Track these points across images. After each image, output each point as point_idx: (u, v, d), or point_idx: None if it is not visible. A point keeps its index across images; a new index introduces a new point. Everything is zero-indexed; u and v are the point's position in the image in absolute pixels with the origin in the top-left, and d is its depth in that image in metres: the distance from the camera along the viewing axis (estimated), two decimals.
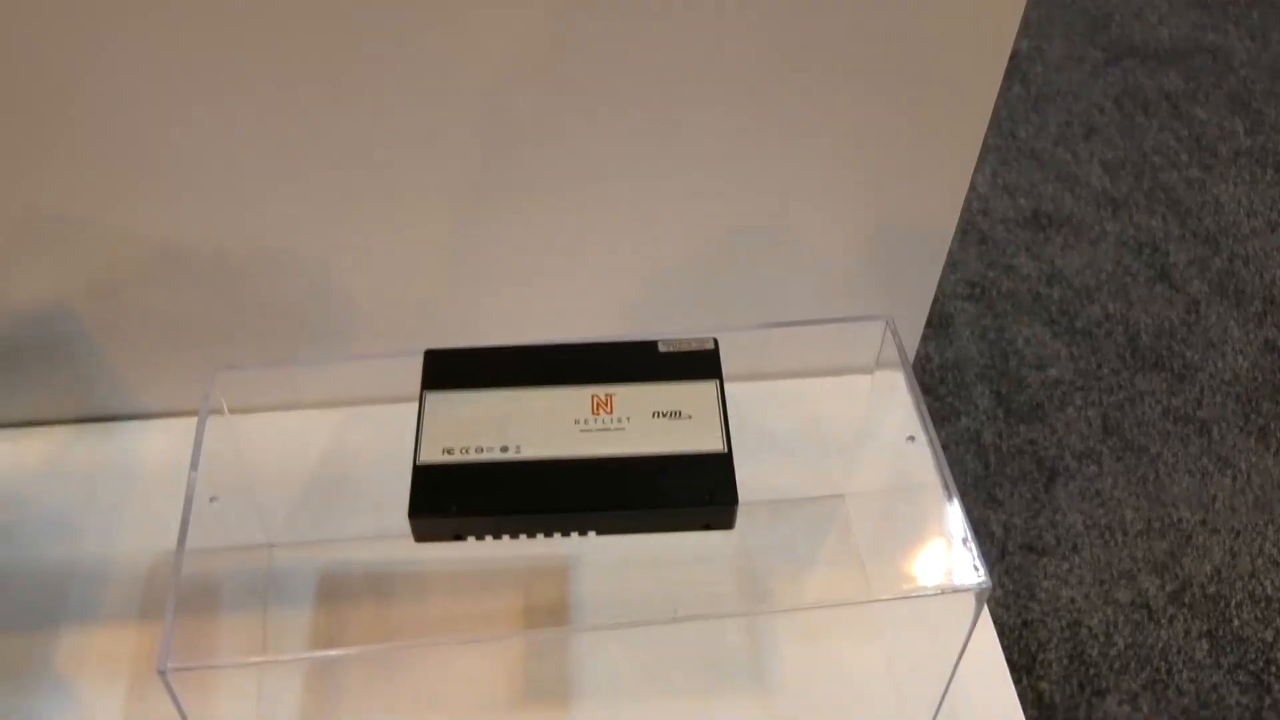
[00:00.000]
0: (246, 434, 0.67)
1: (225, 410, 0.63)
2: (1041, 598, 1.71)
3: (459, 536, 0.50)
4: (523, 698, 0.63)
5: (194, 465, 0.56)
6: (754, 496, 0.70)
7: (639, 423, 0.52)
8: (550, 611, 0.66)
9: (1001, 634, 1.10)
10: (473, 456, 0.51)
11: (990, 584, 0.50)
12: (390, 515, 0.70)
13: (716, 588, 0.67)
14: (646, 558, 0.68)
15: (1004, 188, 2.19)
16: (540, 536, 0.50)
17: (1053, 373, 1.94)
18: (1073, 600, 1.70)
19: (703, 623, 0.66)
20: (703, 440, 0.52)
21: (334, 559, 0.68)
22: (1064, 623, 1.67)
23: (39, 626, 0.66)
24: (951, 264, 2.08)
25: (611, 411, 0.52)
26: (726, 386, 0.54)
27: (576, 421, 0.52)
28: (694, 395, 0.53)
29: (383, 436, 0.63)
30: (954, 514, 0.52)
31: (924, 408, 0.57)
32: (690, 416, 0.52)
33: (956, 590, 0.50)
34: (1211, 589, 1.71)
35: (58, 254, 0.66)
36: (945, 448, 1.83)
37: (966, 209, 2.17)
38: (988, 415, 1.89)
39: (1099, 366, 1.94)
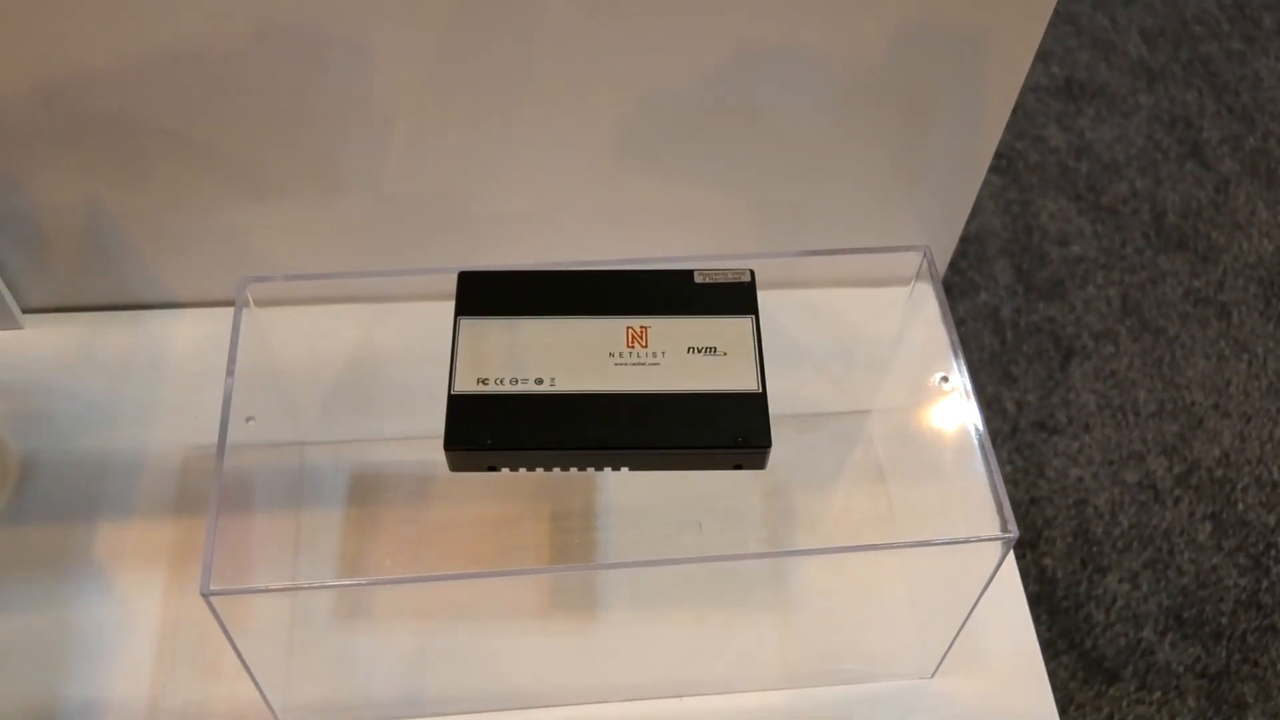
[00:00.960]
0: (277, 330, 0.68)
1: (251, 303, 0.63)
2: (1050, 475, 1.73)
3: (493, 468, 0.51)
4: (550, 605, 0.65)
5: (229, 373, 0.56)
6: (781, 410, 0.71)
7: (674, 358, 0.52)
8: (579, 516, 0.68)
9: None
10: (508, 388, 0.52)
11: (1017, 534, 0.51)
12: (420, 416, 0.71)
13: (741, 500, 0.68)
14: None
15: (1038, 54, 2.13)
16: (574, 470, 0.51)
17: (1075, 249, 1.93)
18: (1080, 479, 1.73)
19: (726, 535, 0.67)
20: (737, 379, 0.52)
21: (365, 457, 0.70)
22: (1070, 501, 1.70)
23: (76, 516, 0.67)
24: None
25: (646, 345, 0.53)
26: (759, 293, 0.54)
27: (611, 354, 0.53)
28: (730, 331, 0.53)
29: (413, 334, 0.64)
30: (984, 464, 0.52)
31: (959, 349, 0.57)
32: (725, 353, 0.53)
33: (983, 540, 0.51)
34: (1219, 473, 1.73)
35: (87, 143, 0.66)
36: (962, 323, 1.84)
37: None
38: (1007, 291, 1.89)
39: (1123, 245, 1.93)
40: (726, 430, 0.51)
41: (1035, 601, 1.69)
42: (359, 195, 0.72)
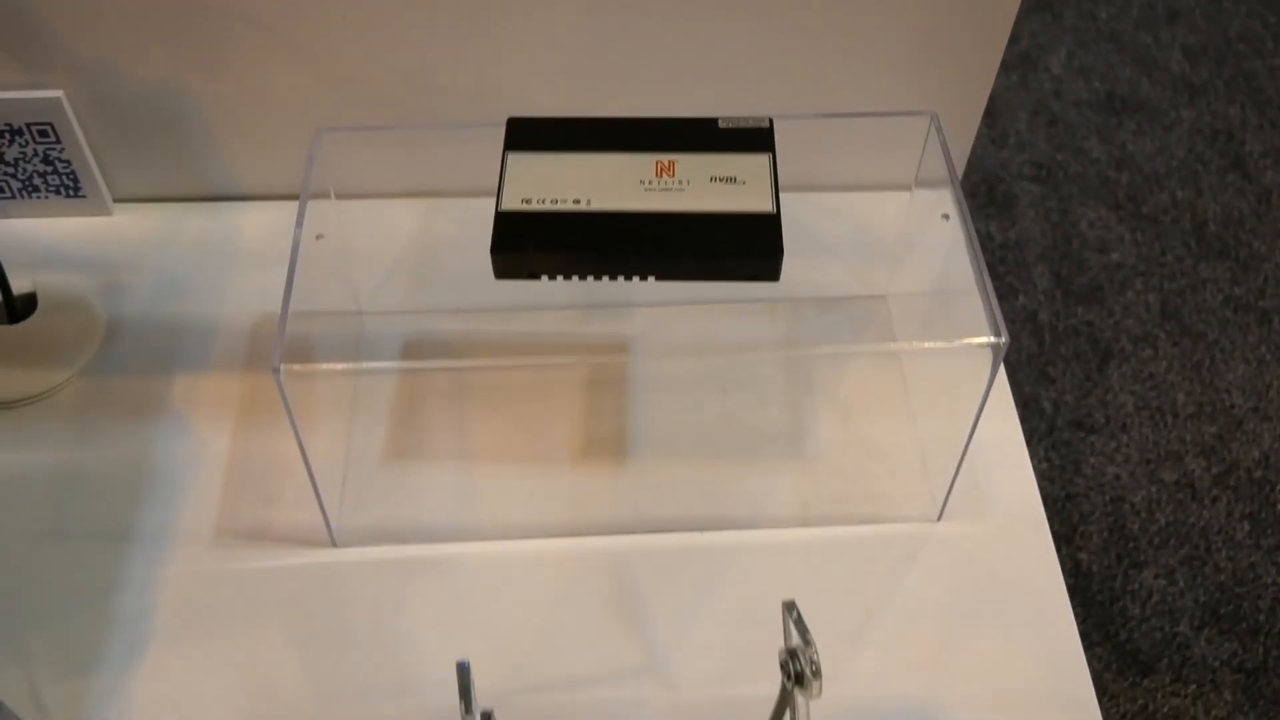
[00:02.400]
0: (341, 217, 0.76)
1: (331, 195, 0.72)
2: (1087, 473, 1.78)
3: (534, 275, 0.59)
4: (582, 452, 0.73)
5: (302, 201, 0.64)
6: (801, 293, 0.79)
7: (698, 185, 0.60)
8: (610, 383, 0.76)
9: (1045, 506, 1.18)
10: (549, 206, 0.60)
11: (1007, 340, 0.58)
12: (469, 291, 0.80)
13: (762, 371, 0.76)
14: (702, 337, 0.78)
15: (1079, 70, 2.22)
16: (606, 279, 0.59)
17: (1115, 256, 1.99)
18: (1117, 477, 1.77)
19: (747, 396, 0.75)
20: (754, 202, 0.60)
21: (417, 327, 0.78)
22: (1107, 498, 1.75)
23: (155, 370, 0.76)
24: (1019, 145, 2.12)
25: (674, 175, 0.61)
26: (780, 196, 0.62)
27: (642, 182, 0.61)
28: (749, 165, 0.61)
29: (465, 224, 0.71)
30: (976, 277, 0.59)
31: (960, 191, 0.64)
32: (744, 182, 0.61)
33: (974, 344, 0.58)
34: (1258, 474, 1.77)
35: (178, 33, 0.75)
36: None
37: (1038, 90, 2.21)
38: (1046, 295, 1.95)
39: (1163, 252, 1.99)
40: (743, 241, 0.58)
41: (1070, 595, 1.74)
42: (429, 89, 0.78)
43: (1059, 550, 1.77)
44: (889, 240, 0.82)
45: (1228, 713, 1.59)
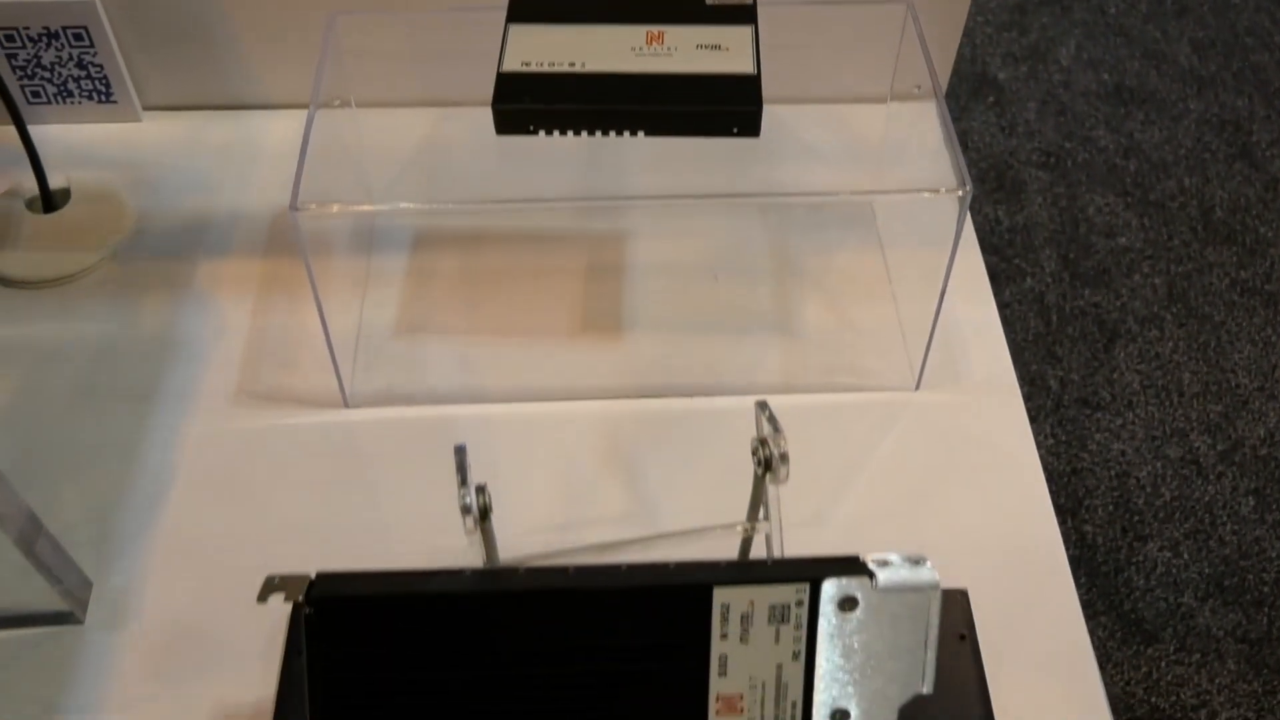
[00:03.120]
0: (357, 123, 0.83)
1: (352, 103, 0.78)
2: (1092, 449, 1.82)
3: (532, 130, 0.65)
4: (581, 327, 0.78)
5: (317, 76, 0.70)
6: (791, 197, 0.85)
7: (685, 52, 0.66)
8: (608, 270, 0.81)
9: (1050, 480, 1.22)
10: (547, 69, 0.66)
11: (971, 189, 0.63)
12: (477, 187, 0.86)
13: (753, 260, 0.82)
14: (696, 229, 0.83)
15: (1088, 62, 2.28)
16: (599, 134, 0.64)
17: (1122, 240, 2.04)
18: (1123, 453, 1.81)
19: (738, 282, 0.80)
20: (737, 65, 0.66)
21: (427, 221, 0.84)
22: (1113, 473, 1.79)
23: (181, 254, 0.82)
24: (1028, 133, 2.18)
25: (663, 43, 0.67)
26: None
27: (634, 48, 0.67)
28: (732, 35, 0.68)
29: (475, 130, 0.77)
30: (942, 130, 0.65)
31: (933, 66, 0.70)
32: (728, 49, 0.67)
33: (941, 192, 0.63)
34: (1264, 451, 1.81)
35: None
36: (1008, 305, 1.95)
37: (1047, 81, 2.27)
38: (1053, 278, 2.01)
39: (1169, 237, 2.04)
40: (725, 99, 0.64)
41: (1075, 565, 1.77)
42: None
43: (1063, 524, 1.82)
44: (876, 148, 0.88)
45: (1231, 681, 1.62)
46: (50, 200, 0.84)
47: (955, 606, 0.65)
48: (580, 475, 0.72)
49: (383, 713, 0.51)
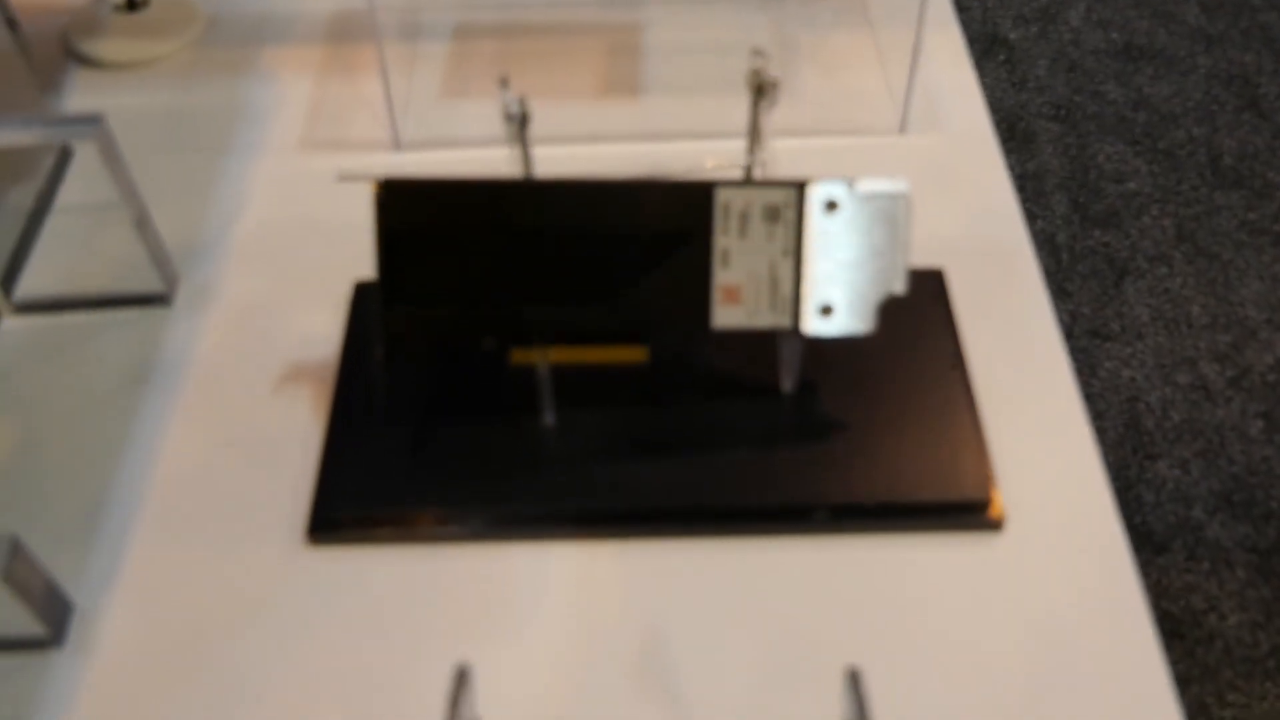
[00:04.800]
0: None
1: None
2: (1103, 376, 1.93)
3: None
4: (605, 90, 0.92)
5: None
6: None
7: None
8: (627, 51, 0.94)
9: None
10: None
11: None
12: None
13: (757, 38, 0.95)
14: (705, 16, 0.97)
15: (1098, 22, 2.42)
16: None
17: (1131, 185, 2.17)
18: (1133, 380, 1.92)
19: (742, 56, 0.94)
20: None
21: (465, 16, 0.98)
22: (1123, 398, 1.90)
23: (249, 45, 0.96)
24: (1039, 88, 2.32)
25: None
26: None
27: None
28: None
29: None
30: None
31: None
32: None
33: None
34: (1271, 377, 1.91)
35: None
36: None
37: (1057, 40, 2.41)
38: (1064, 220, 2.13)
39: (1179, 182, 2.16)
40: None
41: None
42: None
43: None
44: None
45: (1240, 588, 1.71)
46: (133, 2, 0.99)
47: (931, 281, 0.77)
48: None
49: (434, 280, 0.63)
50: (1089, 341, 1.98)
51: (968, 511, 0.65)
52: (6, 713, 0.61)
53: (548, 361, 0.65)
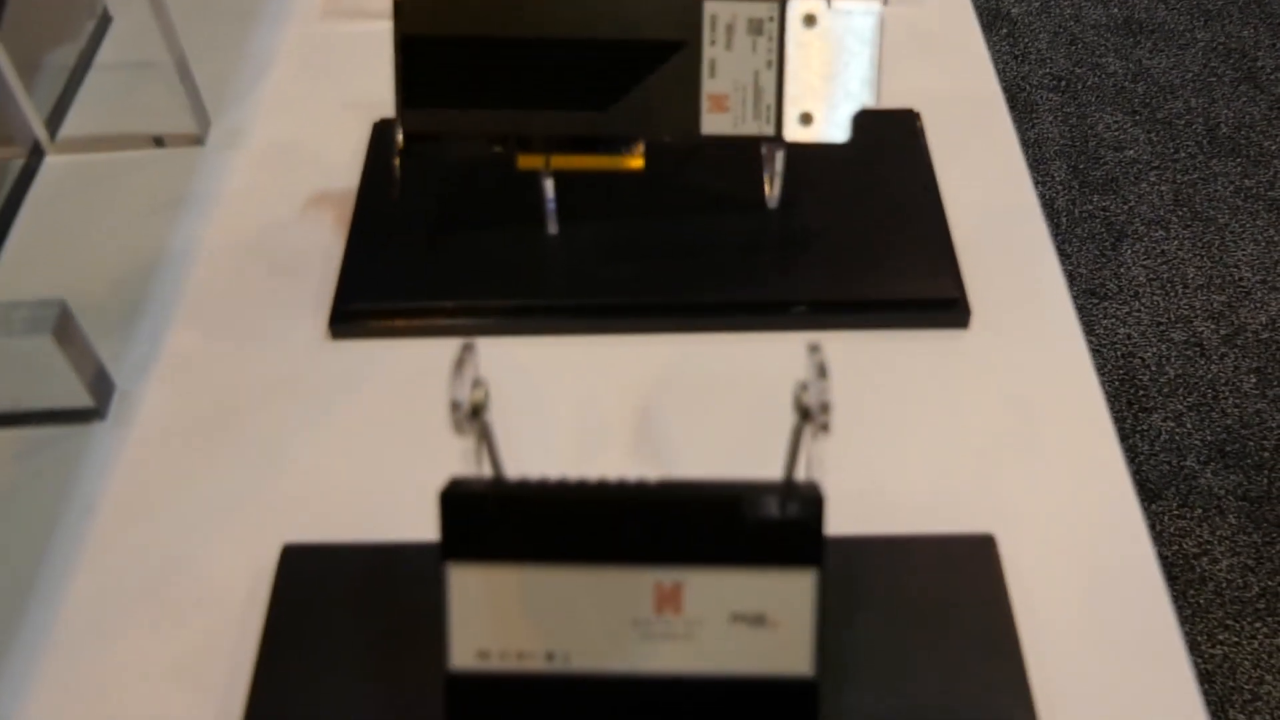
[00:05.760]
0: None
1: None
2: (1099, 333, 2.00)
3: None
4: None
5: None
6: None
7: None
8: None
9: None
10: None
11: None
12: None
13: None
14: None
15: None
16: None
17: (1130, 153, 2.24)
18: (1129, 337, 1.99)
19: None
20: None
21: None
22: (1119, 354, 1.97)
23: None
24: (1039, 60, 2.40)
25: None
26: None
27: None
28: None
29: None
30: None
31: None
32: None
33: None
34: (1265, 335, 1.98)
35: None
36: None
37: (1059, 15, 2.50)
38: (1062, 185, 2.21)
39: (1176, 150, 2.24)
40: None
41: None
42: None
43: None
44: None
45: (1231, 533, 1.78)
46: None
47: (908, 119, 0.84)
48: None
49: (446, 84, 0.70)
50: (1085, 300, 2.05)
51: (937, 308, 0.72)
52: (56, 475, 0.68)
53: (551, 168, 0.73)
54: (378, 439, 0.69)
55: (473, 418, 0.49)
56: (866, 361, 0.72)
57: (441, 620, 0.51)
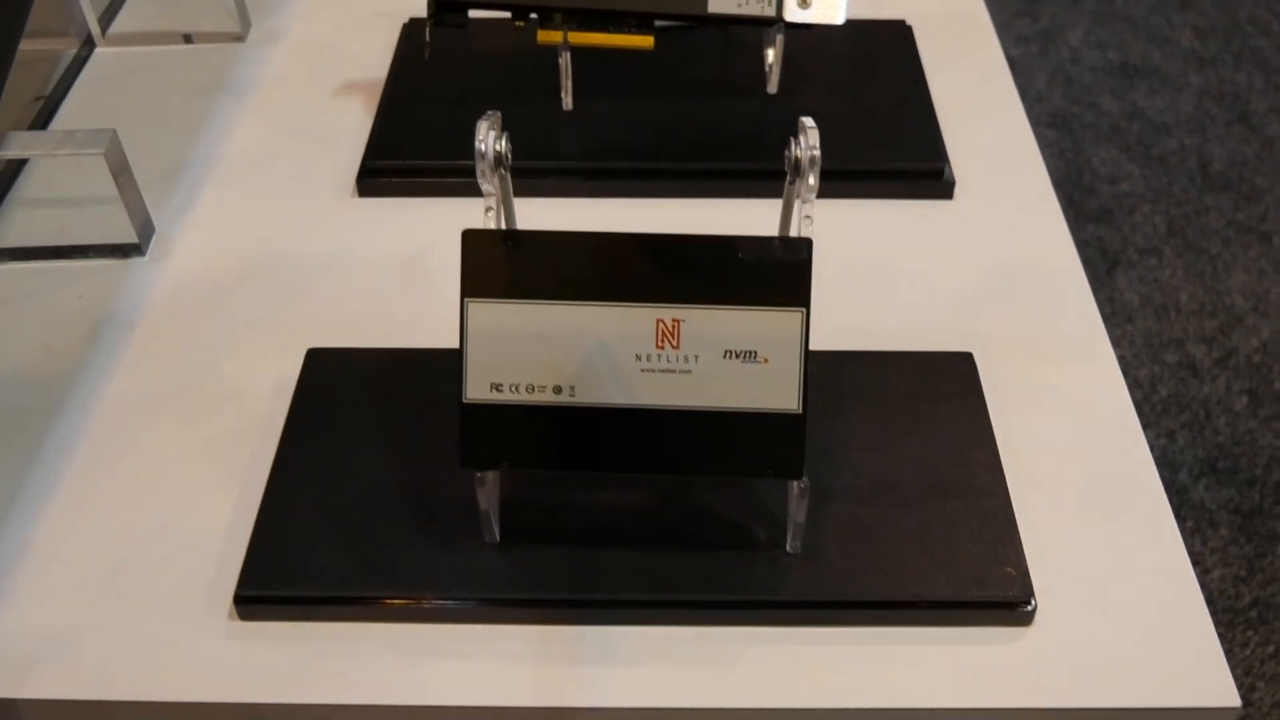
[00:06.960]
0: None
1: None
2: None
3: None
4: None
5: None
6: None
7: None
8: None
9: None
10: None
11: None
12: None
13: None
14: None
15: (1096, 43, 2.61)
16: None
17: (1124, 187, 2.33)
18: (1122, 358, 2.06)
19: None
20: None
21: None
22: None
23: None
24: (1037, 98, 2.50)
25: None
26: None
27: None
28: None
29: None
30: None
31: None
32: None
33: None
34: (1257, 359, 2.05)
35: None
36: None
37: (1057, 58, 2.60)
38: None
39: (1169, 185, 2.32)
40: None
41: None
42: None
43: None
44: None
45: (1223, 545, 1.82)
46: None
47: (902, 30, 0.92)
48: None
49: None
50: None
51: (924, 178, 0.79)
52: (99, 299, 0.75)
53: (568, 44, 0.80)
54: (399, 279, 0.75)
55: (496, 167, 0.56)
56: (859, 226, 0.78)
57: (460, 356, 0.56)
